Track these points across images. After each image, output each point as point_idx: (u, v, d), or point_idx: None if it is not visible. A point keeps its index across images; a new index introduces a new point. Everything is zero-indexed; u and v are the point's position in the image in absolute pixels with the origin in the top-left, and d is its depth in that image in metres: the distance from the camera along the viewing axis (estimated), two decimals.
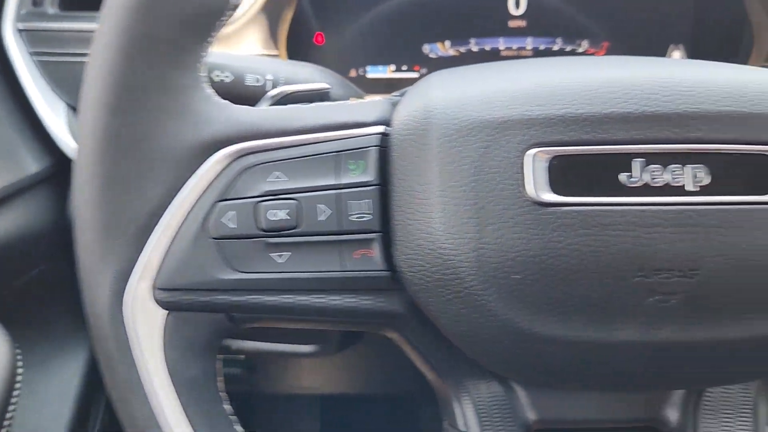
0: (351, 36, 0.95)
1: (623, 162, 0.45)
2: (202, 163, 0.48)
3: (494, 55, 0.97)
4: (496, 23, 0.96)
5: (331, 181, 0.48)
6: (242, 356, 1.10)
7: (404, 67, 0.96)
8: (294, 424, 1.34)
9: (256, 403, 1.28)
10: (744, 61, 0.94)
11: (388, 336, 0.54)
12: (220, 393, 0.51)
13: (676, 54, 0.96)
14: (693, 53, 0.96)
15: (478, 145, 0.46)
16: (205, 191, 0.48)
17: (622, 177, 0.45)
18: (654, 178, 0.45)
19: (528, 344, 0.47)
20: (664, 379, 0.50)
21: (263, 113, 0.50)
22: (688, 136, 0.45)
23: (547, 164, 0.45)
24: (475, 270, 0.46)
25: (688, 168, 0.45)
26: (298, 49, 0.94)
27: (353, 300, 0.49)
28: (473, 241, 0.46)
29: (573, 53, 0.96)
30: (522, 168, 0.45)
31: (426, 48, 0.96)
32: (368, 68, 0.96)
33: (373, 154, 0.48)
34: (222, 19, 0.48)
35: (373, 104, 0.51)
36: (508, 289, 0.46)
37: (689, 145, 0.45)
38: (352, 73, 0.96)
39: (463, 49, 0.96)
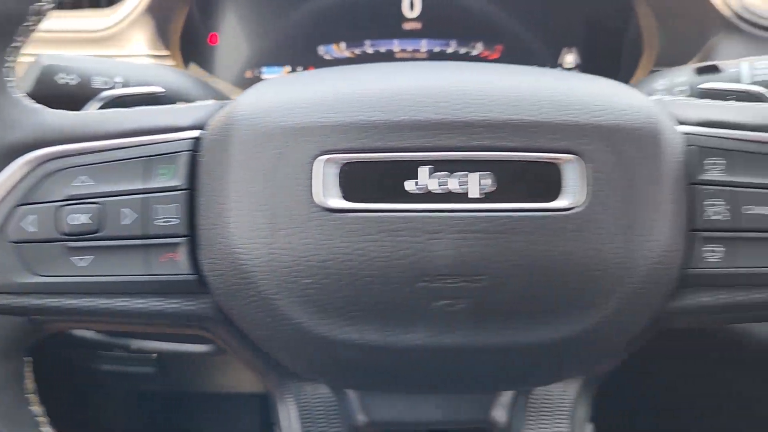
0: (245, 37, 0.96)
1: (411, 169, 0.46)
2: (3, 168, 0.48)
3: (389, 57, 0.97)
4: (391, 25, 0.96)
5: (138, 186, 0.49)
6: (154, 355, 1.10)
7: (300, 68, 0.97)
8: (233, 423, 1.34)
9: (196, 402, 1.29)
10: (634, 65, 0.95)
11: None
12: (27, 395, 0.51)
13: (569, 57, 0.97)
14: (586, 57, 0.97)
15: (274, 151, 0.46)
16: (6, 196, 0.48)
17: (409, 184, 0.46)
18: (440, 185, 0.46)
19: (324, 348, 0.48)
20: (461, 382, 0.51)
21: (77, 117, 0.50)
22: (474, 144, 0.46)
23: (337, 171, 0.46)
24: (267, 275, 0.46)
25: (474, 175, 0.46)
26: (192, 49, 0.94)
27: (159, 303, 0.50)
28: (265, 246, 0.46)
29: (467, 55, 0.97)
30: (311, 174, 0.46)
31: (321, 49, 0.96)
32: (264, 69, 0.96)
33: (184, 159, 0.49)
34: (26, 24, 0.48)
35: (193, 108, 0.52)
36: (300, 293, 0.46)
37: (475, 152, 0.46)
38: (248, 74, 0.96)
39: (358, 51, 0.97)
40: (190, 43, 0.94)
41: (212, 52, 0.96)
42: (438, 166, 0.46)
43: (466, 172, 0.46)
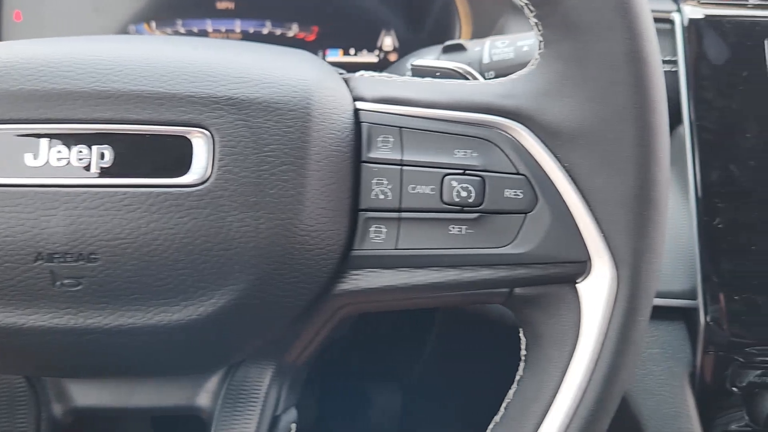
0: (50, 15, 0.93)
1: (31, 142, 0.44)
2: None
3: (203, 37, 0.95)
4: (204, 5, 0.94)
5: None
6: None
7: None
8: None
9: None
10: None
11: None
12: None
13: (388, 40, 0.95)
14: (404, 39, 0.95)
15: None
16: None
17: (29, 157, 0.44)
18: (59, 159, 0.43)
19: None
20: (99, 367, 0.49)
21: None
22: (96, 117, 0.44)
23: None
24: None
25: (94, 149, 0.44)
26: None
27: None
28: None
29: (283, 37, 0.95)
30: None
31: (131, 29, 0.94)
32: None
33: None
34: None
35: None
36: None
37: (97, 125, 0.44)
38: None
39: (169, 30, 0.94)
40: None
41: (17, 30, 0.93)
42: (57, 138, 0.44)
43: (87, 146, 0.44)
